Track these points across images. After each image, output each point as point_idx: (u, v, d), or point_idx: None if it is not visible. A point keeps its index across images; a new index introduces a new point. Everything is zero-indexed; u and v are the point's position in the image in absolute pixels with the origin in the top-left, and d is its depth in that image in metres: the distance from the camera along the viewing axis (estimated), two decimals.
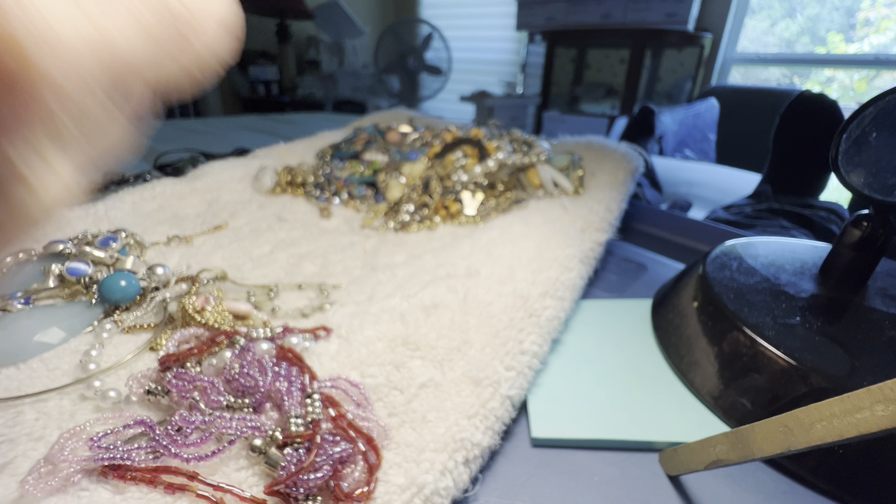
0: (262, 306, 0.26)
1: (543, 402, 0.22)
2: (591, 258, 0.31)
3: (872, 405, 0.11)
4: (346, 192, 0.43)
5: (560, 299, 0.26)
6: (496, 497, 0.18)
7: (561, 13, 2.13)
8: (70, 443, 0.16)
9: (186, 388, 0.18)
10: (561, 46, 2.36)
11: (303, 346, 0.21)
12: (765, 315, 0.22)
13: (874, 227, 0.24)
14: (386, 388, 0.19)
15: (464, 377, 0.20)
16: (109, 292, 0.24)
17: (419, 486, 0.15)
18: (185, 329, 0.21)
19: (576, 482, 0.18)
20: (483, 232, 0.31)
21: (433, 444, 0.17)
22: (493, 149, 0.42)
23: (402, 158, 0.44)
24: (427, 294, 0.24)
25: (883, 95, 0.22)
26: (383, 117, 0.66)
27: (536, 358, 0.22)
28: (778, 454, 0.13)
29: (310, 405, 0.16)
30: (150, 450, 0.16)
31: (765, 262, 0.27)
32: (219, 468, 0.16)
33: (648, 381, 0.23)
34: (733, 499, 0.18)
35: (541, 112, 2.35)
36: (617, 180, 0.39)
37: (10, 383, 0.20)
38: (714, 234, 0.43)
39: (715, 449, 0.16)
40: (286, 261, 0.32)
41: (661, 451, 0.19)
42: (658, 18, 1.86)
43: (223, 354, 0.19)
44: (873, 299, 0.24)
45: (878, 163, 0.23)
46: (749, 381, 0.21)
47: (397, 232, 0.36)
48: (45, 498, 0.15)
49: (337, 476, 0.15)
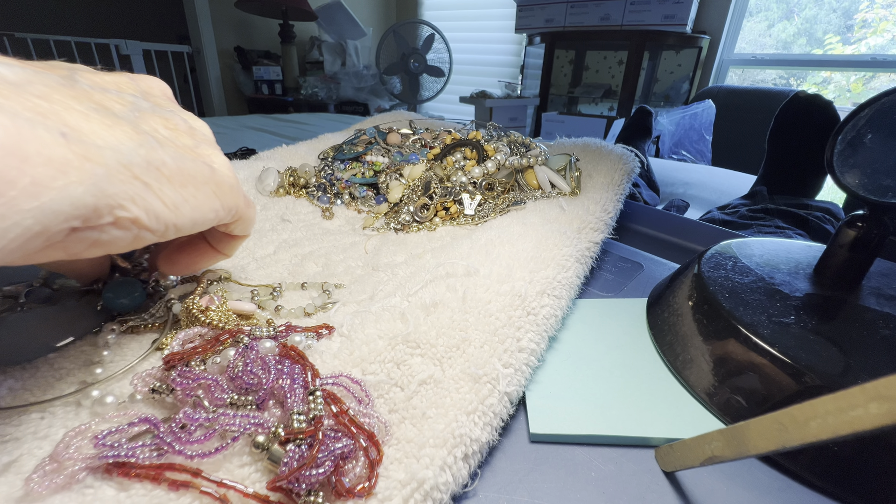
0: (266, 305, 0.26)
1: (541, 398, 0.22)
2: (587, 258, 0.31)
3: (867, 403, 0.11)
4: (348, 194, 0.43)
5: (557, 298, 0.26)
6: (495, 492, 0.18)
7: (560, 15, 2.14)
8: (75, 441, 0.16)
9: (191, 385, 0.18)
10: (560, 48, 2.36)
11: (305, 344, 0.22)
12: (759, 314, 0.22)
13: (869, 227, 0.24)
14: (387, 385, 0.20)
15: (463, 374, 0.20)
16: (112, 303, 0.24)
17: (419, 482, 0.15)
18: (189, 329, 0.22)
19: (573, 477, 0.18)
20: (482, 232, 0.32)
21: (433, 439, 0.17)
22: (491, 151, 0.43)
23: (403, 160, 0.44)
24: (427, 293, 0.24)
25: (879, 97, 0.23)
26: (384, 119, 0.66)
27: (534, 355, 0.22)
28: (773, 451, 0.14)
29: (312, 402, 0.17)
30: (155, 447, 0.16)
31: (759, 262, 0.28)
32: (222, 465, 0.16)
33: (644, 378, 0.24)
34: (728, 495, 0.18)
35: (539, 113, 2.35)
36: (613, 181, 0.40)
37: (15, 384, 0.20)
38: (709, 234, 0.43)
39: (710, 446, 0.16)
40: (289, 261, 0.33)
41: (656, 447, 0.20)
42: (656, 20, 1.87)
43: (227, 353, 0.19)
44: (867, 299, 0.24)
45: (873, 164, 0.23)
46: (744, 379, 0.21)
47: (398, 232, 0.37)
48: (50, 495, 0.15)
49: (339, 471, 0.15)
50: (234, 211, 0.21)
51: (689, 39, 1.96)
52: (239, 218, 0.22)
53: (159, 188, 0.16)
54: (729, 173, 1.16)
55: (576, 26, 2.10)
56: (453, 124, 0.59)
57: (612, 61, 2.32)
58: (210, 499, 0.15)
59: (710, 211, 0.76)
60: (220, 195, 0.19)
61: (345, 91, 2.65)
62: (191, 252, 0.24)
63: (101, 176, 0.14)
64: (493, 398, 0.19)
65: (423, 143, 0.49)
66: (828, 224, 0.60)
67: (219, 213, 0.20)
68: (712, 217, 0.70)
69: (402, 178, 0.41)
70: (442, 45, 2.44)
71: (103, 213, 0.14)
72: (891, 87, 0.23)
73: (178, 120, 0.19)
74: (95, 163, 0.14)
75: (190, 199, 0.18)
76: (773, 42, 2.03)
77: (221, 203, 0.19)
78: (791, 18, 1.97)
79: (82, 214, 0.14)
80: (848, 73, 1.86)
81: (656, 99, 2.20)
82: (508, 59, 2.74)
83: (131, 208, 0.15)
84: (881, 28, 1.77)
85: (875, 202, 0.23)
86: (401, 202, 0.39)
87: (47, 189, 0.12)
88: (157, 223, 0.16)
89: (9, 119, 0.12)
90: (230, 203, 0.20)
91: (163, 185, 0.16)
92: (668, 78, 2.17)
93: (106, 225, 0.15)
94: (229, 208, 0.20)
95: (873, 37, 1.78)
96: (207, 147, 0.20)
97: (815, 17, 1.92)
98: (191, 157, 0.18)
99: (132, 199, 0.15)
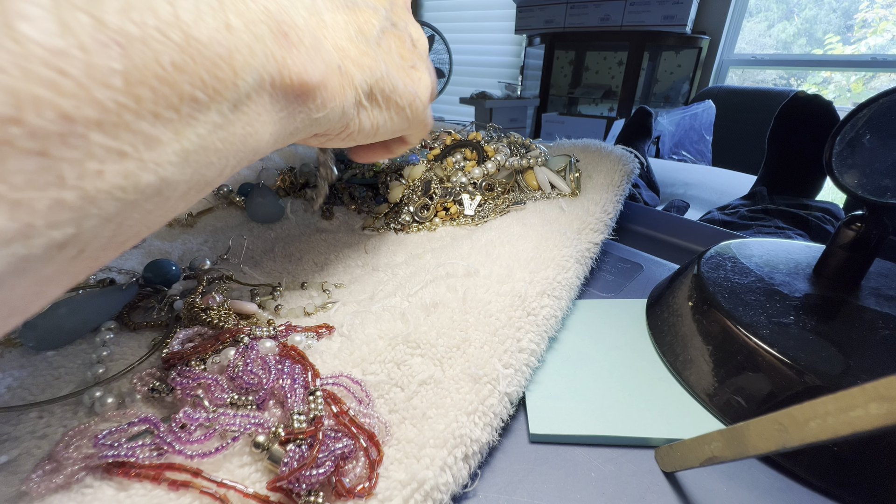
0: (266, 305, 0.26)
1: (541, 399, 0.22)
2: (587, 258, 0.31)
3: (867, 403, 0.11)
4: (348, 194, 0.43)
5: (557, 298, 0.26)
6: (495, 492, 0.18)
7: (560, 16, 2.14)
8: (74, 440, 0.16)
9: (191, 385, 0.18)
10: (560, 49, 2.37)
11: (306, 344, 0.22)
12: (759, 314, 0.22)
13: (868, 227, 0.24)
14: (387, 386, 0.20)
15: (463, 374, 0.20)
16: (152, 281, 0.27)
17: (419, 482, 0.15)
18: (189, 328, 0.22)
19: (573, 478, 0.18)
20: (482, 232, 0.32)
21: (433, 440, 0.17)
22: (491, 152, 0.43)
23: (403, 160, 0.44)
24: (427, 293, 0.24)
25: (878, 98, 0.23)
26: None
27: (534, 356, 0.22)
28: (772, 451, 0.14)
29: (312, 402, 0.17)
30: (154, 447, 0.16)
31: (759, 262, 0.28)
32: (222, 465, 0.16)
33: (644, 379, 0.24)
34: (728, 495, 0.18)
35: (539, 114, 2.35)
36: (612, 182, 0.40)
37: (13, 382, 0.20)
38: (709, 234, 0.43)
39: (710, 446, 0.16)
40: (289, 261, 0.33)
41: (656, 447, 0.20)
42: (656, 21, 1.87)
43: (227, 352, 0.19)
44: (867, 299, 0.24)
45: (872, 164, 0.23)
46: (743, 380, 0.21)
47: (398, 232, 0.37)
48: (49, 495, 0.15)
49: (339, 472, 0.15)
50: (415, 132, 0.26)
51: (689, 40, 1.96)
52: (416, 132, 0.26)
53: (371, 110, 0.21)
54: (729, 174, 1.16)
55: (576, 27, 2.10)
56: (453, 125, 0.59)
57: (612, 62, 2.32)
58: (210, 499, 0.15)
59: (710, 211, 0.76)
60: (412, 121, 0.24)
61: None
62: (368, 149, 0.28)
63: (350, 99, 0.19)
64: (493, 398, 0.19)
65: (423, 143, 0.49)
66: (828, 224, 0.60)
67: (404, 132, 0.25)
68: (712, 217, 0.70)
69: (402, 179, 0.42)
70: (442, 46, 2.44)
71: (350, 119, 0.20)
72: (891, 86, 0.23)
73: (406, 36, 0.23)
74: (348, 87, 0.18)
75: (388, 122, 0.22)
76: (773, 42, 2.04)
77: (410, 124, 0.24)
78: (791, 18, 1.97)
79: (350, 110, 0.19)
80: (848, 73, 1.86)
81: (656, 99, 2.20)
82: (508, 60, 2.74)
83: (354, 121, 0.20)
84: (881, 28, 1.77)
85: (874, 202, 0.23)
86: (401, 202, 0.39)
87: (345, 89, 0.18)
88: (361, 136, 0.21)
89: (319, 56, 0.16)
90: (416, 129, 0.25)
91: (374, 108, 0.21)
92: (667, 78, 2.18)
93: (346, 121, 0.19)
94: (413, 131, 0.25)
95: (873, 37, 1.78)
96: (420, 64, 0.23)
97: (815, 17, 1.92)
98: (405, 82, 0.22)
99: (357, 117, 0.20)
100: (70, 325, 0.22)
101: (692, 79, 2.07)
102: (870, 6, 1.78)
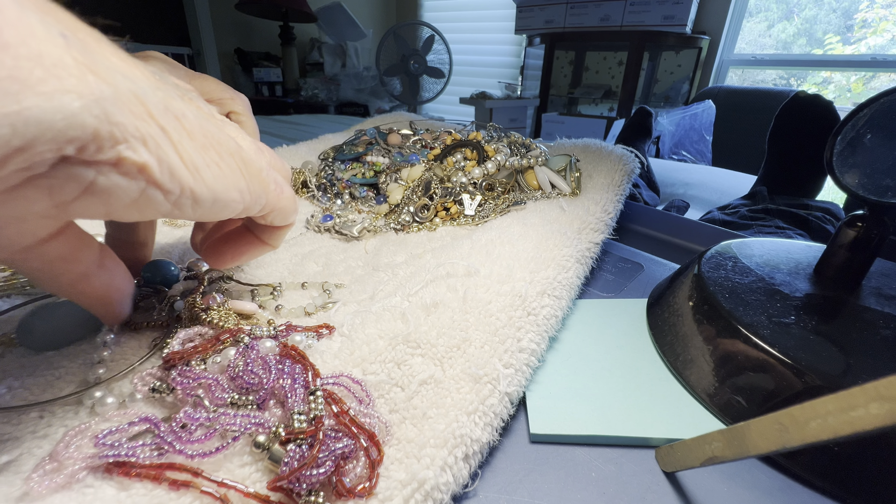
0: (267, 305, 0.26)
1: (542, 399, 0.22)
2: (587, 258, 0.31)
3: (867, 403, 0.11)
4: (348, 194, 0.43)
5: (557, 298, 0.26)
6: (495, 492, 0.18)
7: (560, 16, 2.14)
8: (75, 440, 0.16)
9: (191, 385, 0.18)
10: (560, 49, 2.37)
11: (306, 343, 0.22)
12: (759, 314, 0.22)
13: (869, 227, 0.24)
14: (387, 385, 0.20)
15: (463, 374, 0.20)
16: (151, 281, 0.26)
17: (420, 482, 0.15)
18: (190, 328, 0.22)
19: (573, 478, 0.18)
20: (482, 232, 0.32)
21: (433, 440, 0.17)
22: (492, 151, 0.43)
23: (403, 161, 0.44)
24: (427, 293, 0.24)
25: (878, 97, 0.23)
26: (384, 120, 0.66)
27: (534, 356, 0.22)
28: (773, 451, 0.14)
29: (313, 402, 0.17)
30: (155, 447, 0.16)
31: (759, 262, 0.28)
32: (223, 464, 0.16)
33: (645, 379, 0.24)
34: (729, 495, 0.18)
35: (539, 114, 2.36)
36: (613, 182, 0.40)
37: (14, 382, 0.20)
38: (709, 234, 0.43)
39: (710, 446, 0.16)
40: (290, 260, 0.33)
41: (657, 447, 0.20)
42: (656, 21, 1.87)
43: (228, 352, 0.19)
44: (868, 299, 0.24)
45: (873, 164, 0.23)
46: (744, 380, 0.21)
47: (398, 232, 0.37)
48: (50, 495, 0.15)
49: (339, 471, 0.15)
50: (263, 200, 0.18)
51: (689, 40, 1.96)
52: (272, 209, 0.19)
53: (178, 139, 0.13)
54: (729, 173, 1.16)
55: (575, 27, 2.10)
56: (453, 125, 0.59)
57: (612, 62, 2.32)
58: (210, 499, 0.15)
59: (710, 211, 0.76)
60: (247, 175, 0.17)
61: (345, 92, 2.65)
62: (237, 242, 0.22)
63: (108, 97, 0.11)
64: (493, 398, 0.19)
65: (424, 143, 0.49)
66: (828, 224, 0.60)
67: (244, 196, 0.17)
68: (712, 217, 0.70)
69: (402, 179, 0.42)
70: (442, 46, 2.44)
71: (104, 145, 0.11)
72: (891, 86, 0.23)
73: (202, 104, 0.17)
74: (101, 79, 0.11)
75: (212, 166, 0.15)
76: (773, 42, 2.04)
77: (247, 184, 0.17)
78: (791, 19, 1.97)
79: (78, 137, 0.11)
80: (848, 73, 1.86)
81: (656, 99, 2.20)
82: (508, 60, 2.75)
83: (140, 151, 0.12)
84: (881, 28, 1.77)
85: (875, 202, 0.23)
86: (401, 203, 0.39)
87: (31, 91, 0.10)
88: (170, 181, 0.13)
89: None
90: (257, 188, 0.17)
91: (182, 137, 0.14)
92: (667, 78, 2.18)
93: (106, 164, 0.12)
94: (256, 194, 0.18)
95: (873, 37, 1.78)
96: (232, 129, 0.18)
97: (815, 17, 1.92)
98: (215, 125, 0.16)
99: (143, 140, 0.12)
100: (70, 325, 0.22)
101: (692, 79, 2.07)
102: (870, 6, 1.78)
